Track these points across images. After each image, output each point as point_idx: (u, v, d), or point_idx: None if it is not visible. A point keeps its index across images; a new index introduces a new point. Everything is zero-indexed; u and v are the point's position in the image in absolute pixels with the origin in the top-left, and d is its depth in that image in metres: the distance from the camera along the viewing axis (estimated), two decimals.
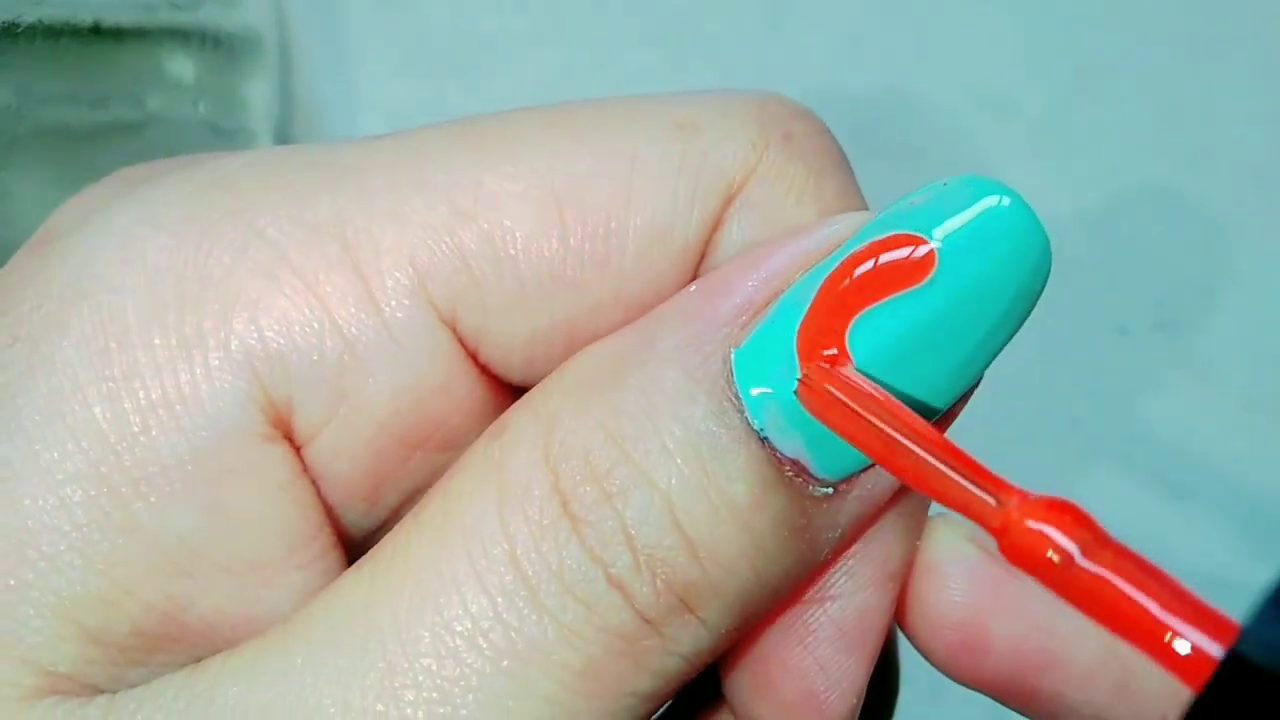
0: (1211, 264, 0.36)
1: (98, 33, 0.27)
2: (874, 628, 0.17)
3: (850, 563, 0.17)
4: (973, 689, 0.17)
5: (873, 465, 0.15)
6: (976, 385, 0.16)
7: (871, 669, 0.17)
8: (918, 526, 0.17)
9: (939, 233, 0.15)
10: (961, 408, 0.16)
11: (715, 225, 0.16)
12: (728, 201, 0.16)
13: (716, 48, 0.35)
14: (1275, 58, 0.35)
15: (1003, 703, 0.18)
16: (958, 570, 0.17)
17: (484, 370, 0.16)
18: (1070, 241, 0.36)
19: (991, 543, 0.15)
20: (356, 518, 0.16)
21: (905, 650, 0.21)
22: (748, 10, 0.35)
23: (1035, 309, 0.16)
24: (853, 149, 0.18)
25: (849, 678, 0.17)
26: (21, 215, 0.26)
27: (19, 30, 0.25)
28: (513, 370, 0.16)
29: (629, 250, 0.16)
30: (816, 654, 0.17)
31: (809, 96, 0.18)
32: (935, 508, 0.16)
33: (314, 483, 0.16)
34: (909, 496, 0.17)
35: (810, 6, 0.35)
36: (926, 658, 0.17)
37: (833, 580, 0.17)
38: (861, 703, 0.17)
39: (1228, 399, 0.36)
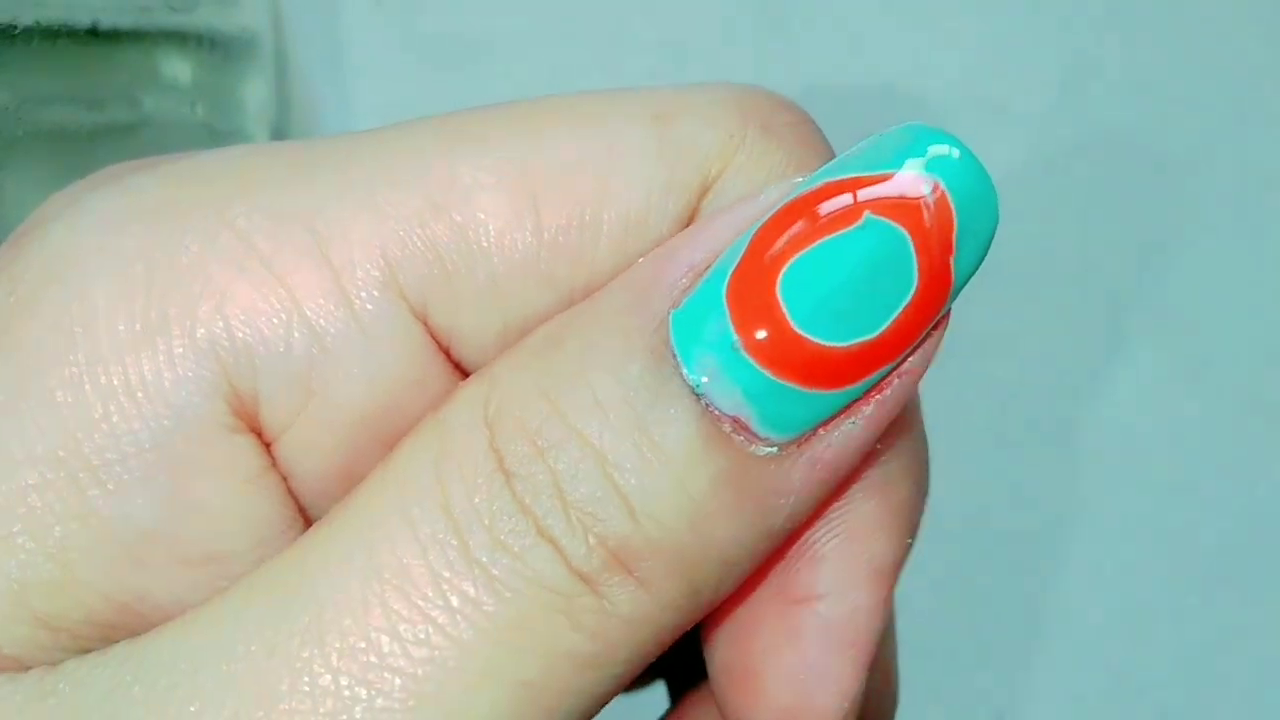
0: (1211, 264, 0.36)
1: (95, 34, 0.27)
2: (865, 627, 0.17)
3: (838, 561, 0.17)
4: None
5: (822, 425, 0.15)
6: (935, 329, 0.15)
7: (866, 671, 0.17)
8: (907, 521, 0.17)
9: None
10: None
11: (692, 216, 0.16)
12: (704, 191, 0.16)
13: (716, 48, 0.35)
14: (1276, 58, 0.35)
15: None
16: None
17: (457, 365, 0.16)
18: (1070, 241, 0.36)
19: None
20: None
21: (905, 654, 0.21)
22: (748, 10, 0.35)
23: (1034, 309, 0.16)
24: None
25: (841, 679, 0.17)
26: (19, 216, 0.26)
27: (16, 31, 0.25)
28: (485, 364, 0.16)
29: (603, 242, 0.16)
30: (806, 655, 0.17)
31: (809, 96, 0.18)
32: None
33: (285, 479, 0.16)
34: (892, 489, 0.17)
35: (810, 6, 0.35)
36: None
37: (821, 578, 0.17)
38: (859, 706, 0.17)
39: (1227, 399, 0.36)
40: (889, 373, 0.15)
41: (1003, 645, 0.36)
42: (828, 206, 0.15)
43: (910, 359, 0.15)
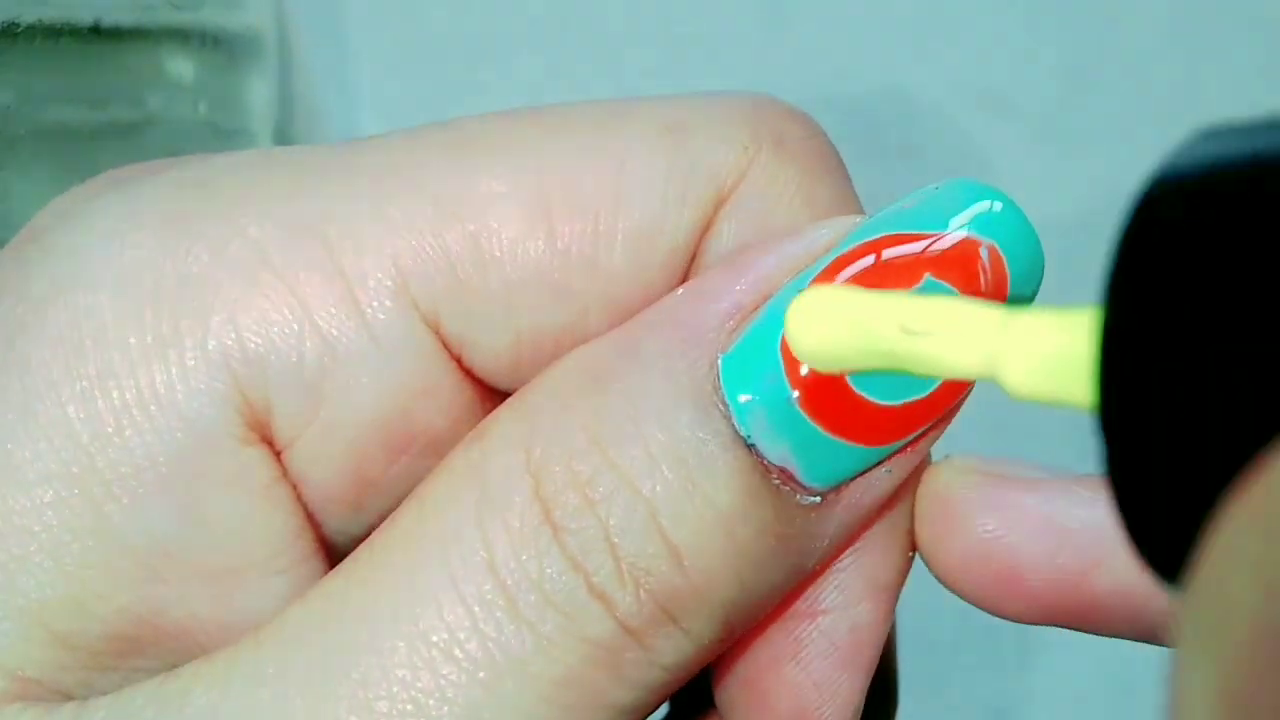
0: None
1: (97, 33, 0.27)
2: (868, 641, 0.17)
3: (841, 576, 0.17)
4: (1020, 621, 0.17)
5: (860, 474, 0.15)
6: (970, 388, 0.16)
7: (868, 683, 0.17)
8: (908, 539, 0.17)
9: None
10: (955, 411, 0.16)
11: (705, 228, 0.16)
12: (718, 204, 0.16)
13: (716, 48, 0.35)
14: (1275, 58, 0.35)
15: (1059, 624, 0.17)
16: (971, 504, 0.16)
17: (469, 374, 0.16)
18: (1070, 242, 0.36)
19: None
20: (341, 524, 0.16)
21: (904, 656, 0.21)
22: (748, 10, 0.35)
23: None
24: (853, 149, 0.17)
25: (844, 693, 0.17)
26: (21, 215, 0.26)
27: (18, 30, 0.25)
28: (498, 375, 0.16)
29: (617, 253, 0.16)
30: (810, 669, 0.17)
31: (809, 96, 0.18)
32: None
33: (295, 487, 0.16)
34: (897, 508, 0.17)
35: (810, 6, 0.35)
36: (967, 600, 0.17)
37: (824, 594, 0.17)
38: (859, 718, 0.17)
39: None
40: (934, 426, 0.15)
41: (1003, 645, 0.36)
42: (884, 263, 0.15)
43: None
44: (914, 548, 0.17)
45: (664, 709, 0.23)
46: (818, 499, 0.15)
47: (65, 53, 0.27)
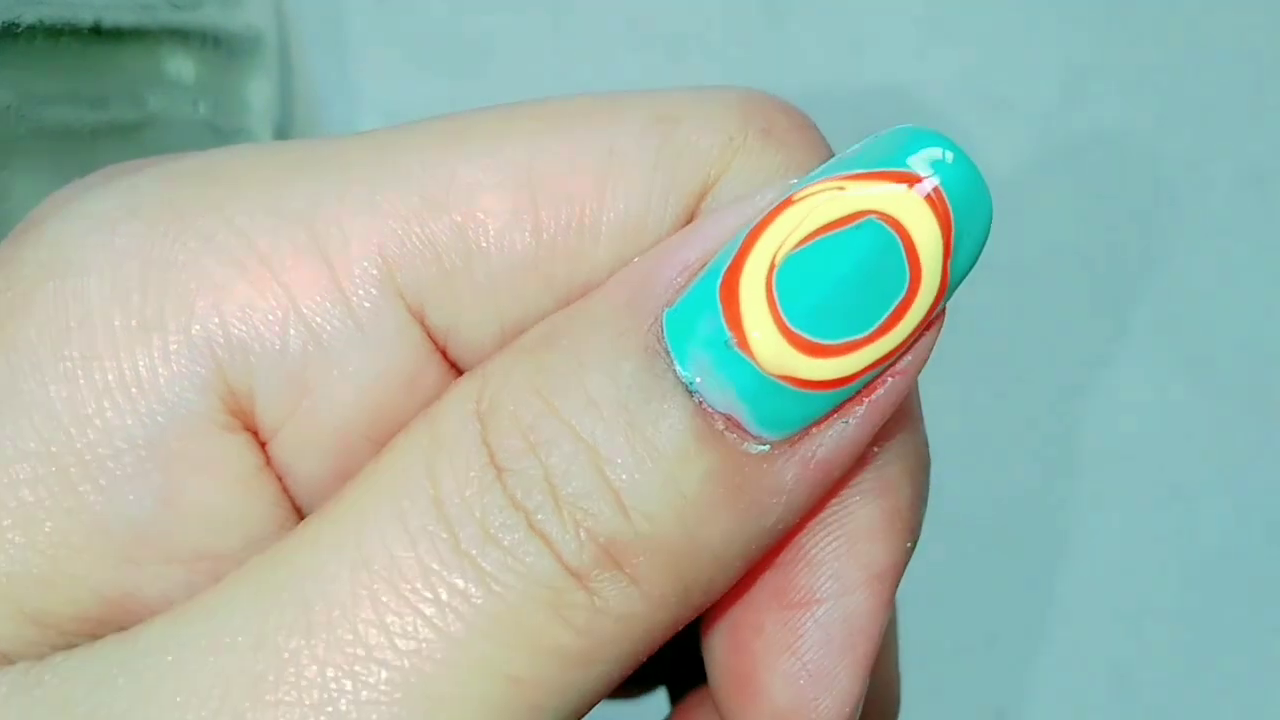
0: (1211, 263, 0.36)
1: (98, 33, 0.27)
2: (863, 631, 0.17)
3: (836, 564, 0.17)
4: None
5: (815, 425, 0.15)
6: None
7: (866, 675, 0.17)
8: (906, 525, 0.17)
9: None
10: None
11: (691, 219, 0.16)
12: (704, 194, 0.16)
13: (716, 47, 0.35)
14: (1275, 58, 0.35)
15: None
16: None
17: (454, 365, 0.16)
18: (1070, 241, 0.36)
19: None
20: None
21: (905, 653, 0.21)
22: (747, 9, 0.35)
23: (1031, 309, 0.16)
24: None
25: (840, 684, 0.17)
26: (21, 215, 0.26)
27: (19, 30, 0.25)
28: None
29: (602, 244, 0.16)
30: (805, 660, 0.17)
31: (809, 96, 0.18)
32: None
33: (280, 478, 0.16)
34: (890, 494, 0.17)
35: (810, 6, 0.35)
36: None
37: (819, 582, 0.17)
38: (859, 711, 0.17)
39: (1228, 399, 0.36)
40: (882, 373, 0.15)
41: (1003, 645, 0.36)
42: (822, 204, 0.15)
43: (903, 359, 0.15)
44: (914, 537, 0.17)
45: (664, 705, 0.23)
46: (767, 448, 0.15)
47: (65, 53, 0.27)
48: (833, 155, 0.17)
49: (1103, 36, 0.35)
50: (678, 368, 0.15)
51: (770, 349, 0.14)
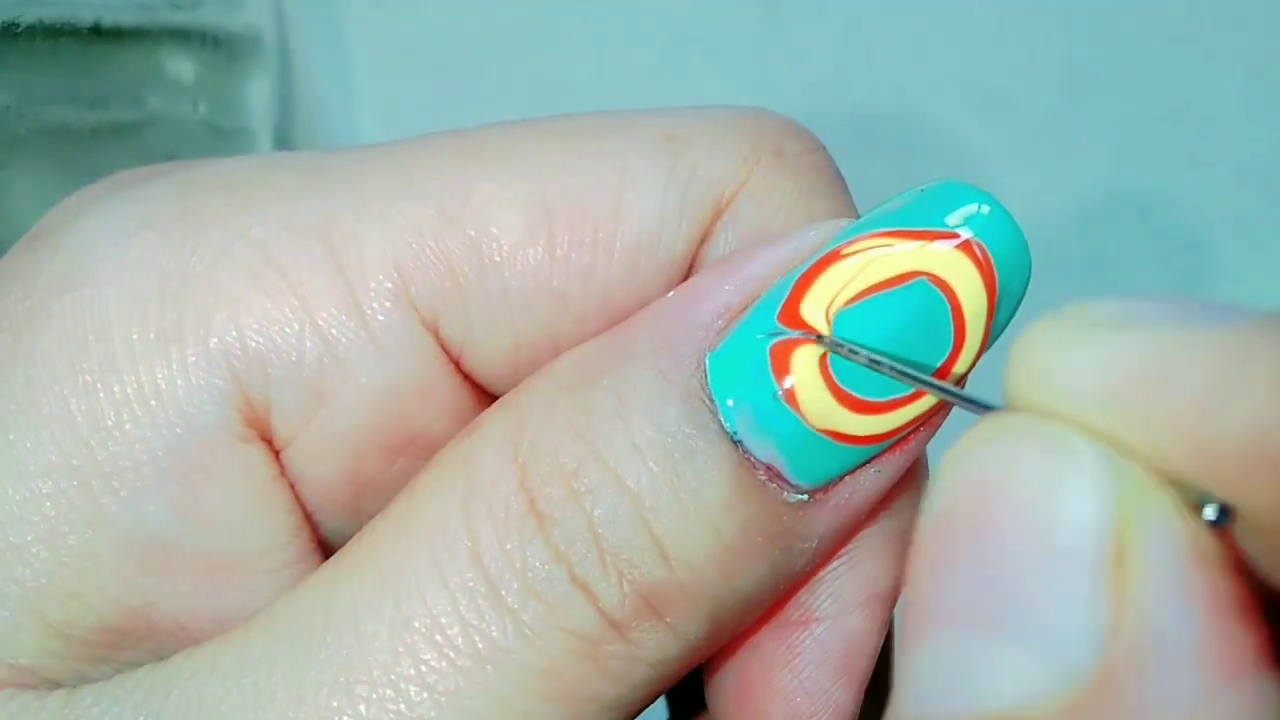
0: (1210, 263, 0.36)
1: (98, 33, 0.27)
2: (861, 651, 0.17)
3: (836, 584, 0.17)
4: None
5: (849, 474, 0.15)
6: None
7: (862, 693, 0.17)
8: (904, 548, 0.17)
9: None
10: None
11: (703, 239, 0.16)
12: (717, 215, 0.16)
13: (715, 47, 0.35)
14: (1275, 58, 0.35)
15: None
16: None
17: (467, 378, 0.16)
18: (1068, 241, 0.36)
19: None
20: (338, 524, 0.16)
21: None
22: (746, 9, 0.35)
23: (1030, 309, 0.16)
24: (852, 149, 0.18)
25: (836, 702, 0.17)
26: (21, 214, 0.26)
27: (19, 30, 0.25)
28: (496, 379, 0.16)
29: (615, 261, 0.16)
30: (802, 678, 0.17)
31: (808, 96, 0.18)
32: None
33: (292, 486, 0.16)
34: (895, 515, 0.17)
35: (810, 6, 0.35)
36: None
37: (818, 601, 0.17)
38: None
39: None
40: (918, 426, 0.15)
41: None
42: (873, 262, 0.15)
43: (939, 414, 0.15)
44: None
45: (663, 715, 0.23)
46: (805, 497, 0.15)
47: (65, 53, 0.27)
48: (841, 178, 0.17)
49: (1103, 36, 0.35)
50: (722, 418, 0.15)
51: (818, 404, 0.15)
